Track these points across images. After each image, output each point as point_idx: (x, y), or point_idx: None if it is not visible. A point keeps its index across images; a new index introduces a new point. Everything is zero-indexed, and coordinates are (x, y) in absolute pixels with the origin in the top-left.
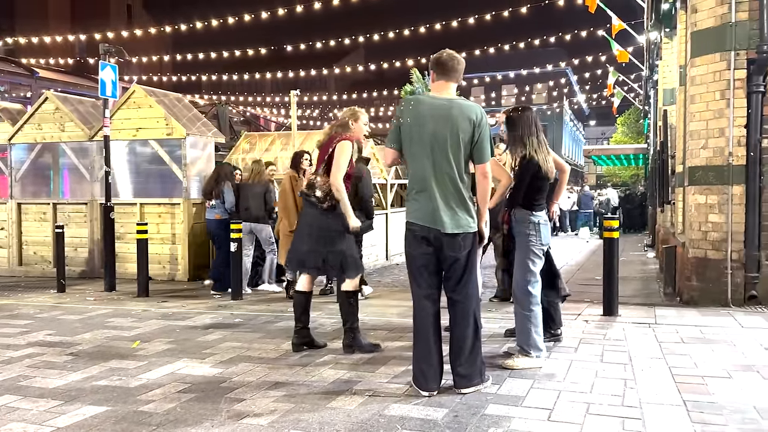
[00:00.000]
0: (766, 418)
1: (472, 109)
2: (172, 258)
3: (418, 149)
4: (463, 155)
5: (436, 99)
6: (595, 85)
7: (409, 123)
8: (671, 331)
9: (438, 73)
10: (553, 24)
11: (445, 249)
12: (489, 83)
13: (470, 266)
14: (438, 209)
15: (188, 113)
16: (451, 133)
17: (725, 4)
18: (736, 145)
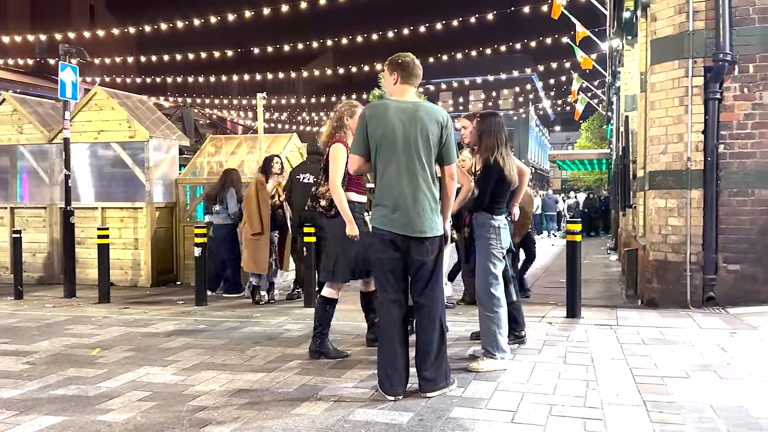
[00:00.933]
0: (722, 417)
1: (438, 111)
2: (135, 263)
3: (386, 153)
4: (433, 157)
5: (402, 102)
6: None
7: (376, 127)
8: (632, 332)
9: (401, 76)
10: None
11: (413, 253)
12: (457, 88)
13: (437, 270)
14: (407, 213)
15: (152, 116)
16: (420, 135)
17: (683, 13)
18: (694, 151)
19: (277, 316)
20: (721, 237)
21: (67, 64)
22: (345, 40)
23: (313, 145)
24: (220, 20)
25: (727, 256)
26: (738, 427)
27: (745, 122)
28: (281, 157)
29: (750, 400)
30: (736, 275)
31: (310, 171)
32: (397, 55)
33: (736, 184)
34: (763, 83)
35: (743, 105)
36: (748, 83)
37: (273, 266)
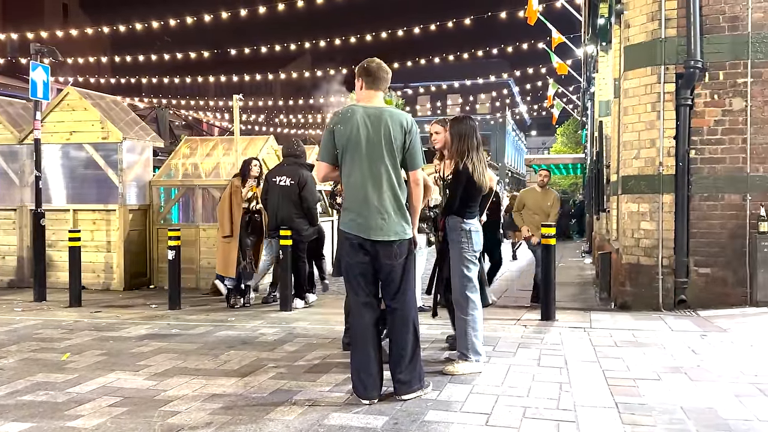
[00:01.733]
0: (692, 418)
1: (402, 116)
2: (107, 266)
3: (353, 157)
4: (396, 161)
5: (368, 107)
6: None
7: (342, 132)
8: (605, 335)
9: (366, 82)
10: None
11: (381, 257)
12: (435, 92)
13: (407, 273)
14: (373, 217)
15: (126, 117)
16: (385, 140)
17: (656, 20)
18: (666, 156)
19: (252, 320)
20: (692, 241)
21: (39, 64)
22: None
23: (289, 148)
24: (196, 21)
25: (698, 260)
26: (707, 428)
27: (716, 128)
28: (260, 160)
29: (719, 401)
30: (707, 278)
31: (287, 173)
32: (363, 61)
33: (706, 188)
34: (732, 90)
35: (713, 111)
36: (718, 90)
37: (248, 269)
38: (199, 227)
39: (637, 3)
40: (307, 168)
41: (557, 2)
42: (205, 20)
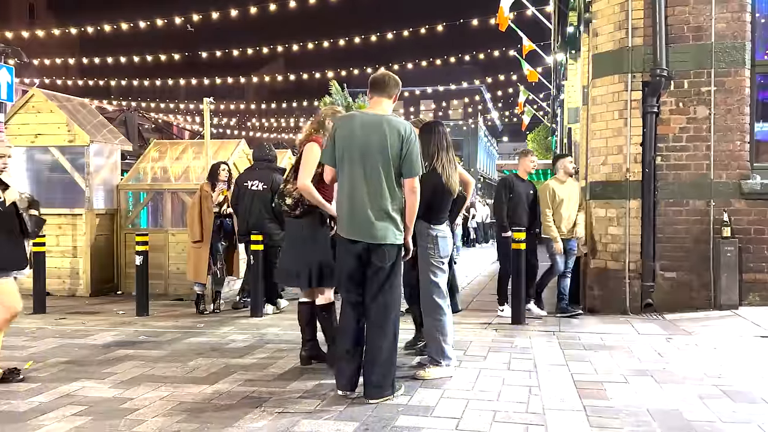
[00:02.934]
0: (658, 420)
1: (401, 123)
2: (73, 272)
3: (349, 162)
4: (393, 168)
5: (367, 114)
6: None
7: (341, 137)
8: (574, 338)
9: (372, 90)
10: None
11: (373, 259)
12: (408, 98)
13: (392, 277)
14: (364, 220)
15: (93, 119)
16: (381, 147)
17: (623, 29)
18: (633, 162)
19: (222, 327)
20: (658, 245)
21: (3, 65)
22: (296, 46)
23: (261, 152)
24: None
25: (663, 264)
26: (672, 430)
27: (681, 135)
28: (228, 164)
29: (684, 403)
30: (672, 282)
31: (258, 177)
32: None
33: (672, 194)
34: (697, 98)
35: (679, 119)
36: (683, 98)
37: (219, 275)
38: (168, 232)
39: (605, 12)
40: (279, 172)
41: (528, 11)
42: (175, 22)
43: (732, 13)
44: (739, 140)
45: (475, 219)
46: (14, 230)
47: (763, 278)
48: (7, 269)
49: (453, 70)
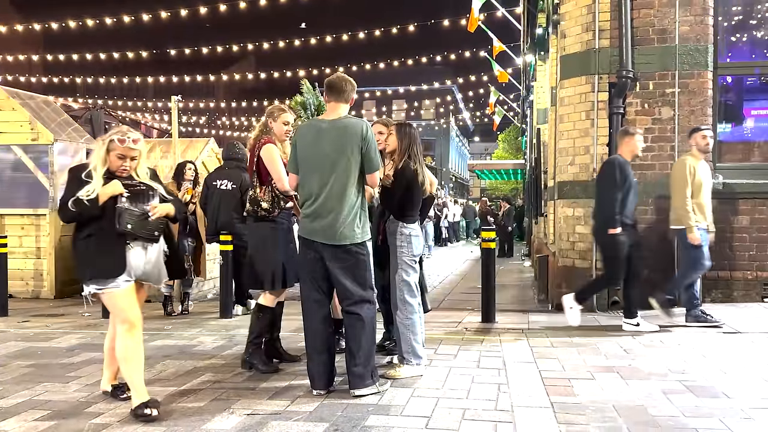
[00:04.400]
0: (623, 416)
1: (358, 124)
2: (37, 274)
3: (309, 167)
4: (353, 169)
5: (325, 120)
6: (479, 103)
7: (302, 146)
8: (542, 336)
9: (329, 95)
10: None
11: (333, 260)
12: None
13: (358, 274)
14: (324, 222)
15: (58, 117)
16: (340, 150)
17: (590, 31)
18: (600, 162)
19: (191, 328)
20: None
21: None
22: (266, 45)
23: (230, 151)
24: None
25: None
26: (637, 425)
27: (646, 136)
28: (195, 163)
29: (649, 398)
30: None
31: (228, 177)
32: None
33: (638, 194)
34: (661, 99)
35: (644, 120)
36: (649, 99)
37: (187, 276)
38: None
39: (573, 14)
40: None
41: (498, 12)
42: (143, 19)
43: (695, 16)
44: None
45: (447, 218)
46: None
47: (725, 276)
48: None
49: (425, 70)
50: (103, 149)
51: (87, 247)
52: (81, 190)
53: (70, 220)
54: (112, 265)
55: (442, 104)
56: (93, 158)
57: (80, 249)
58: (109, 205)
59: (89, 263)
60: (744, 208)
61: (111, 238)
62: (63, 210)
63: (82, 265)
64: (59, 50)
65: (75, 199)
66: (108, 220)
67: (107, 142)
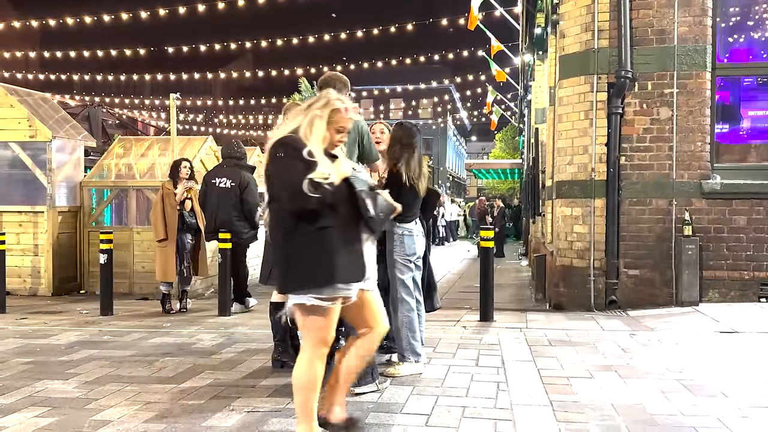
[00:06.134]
0: (622, 414)
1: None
2: (34, 271)
3: None
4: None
5: None
6: (476, 102)
7: None
8: (540, 334)
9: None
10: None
11: None
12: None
13: None
14: None
15: (55, 114)
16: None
17: (589, 31)
18: (598, 162)
19: (189, 326)
20: (622, 244)
21: None
22: (264, 42)
23: (229, 149)
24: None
25: (627, 262)
26: (635, 423)
27: (644, 136)
28: (190, 161)
29: (647, 397)
30: (636, 280)
31: (226, 175)
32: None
33: (635, 194)
34: (660, 100)
35: (642, 120)
36: (647, 99)
37: (185, 273)
38: (133, 230)
39: (572, 14)
40: (247, 169)
41: (496, 11)
42: (141, 16)
43: (694, 17)
44: (700, 141)
45: (444, 217)
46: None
47: (722, 275)
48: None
49: (422, 69)
50: (323, 121)
51: (320, 244)
52: (310, 171)
53: (303, 209)
54: (360, 266)
55: (439, 103)
56: (307, 131)
57: (307, 246)
58: (342, 190)
59: (325, 264)
60: (741, 209)
61: (351, 232)
62: (298, 196)
63: (314, 267)
64: (57, 47)
65: (312, 182)
66: (347, 209)
67: (327, 112)
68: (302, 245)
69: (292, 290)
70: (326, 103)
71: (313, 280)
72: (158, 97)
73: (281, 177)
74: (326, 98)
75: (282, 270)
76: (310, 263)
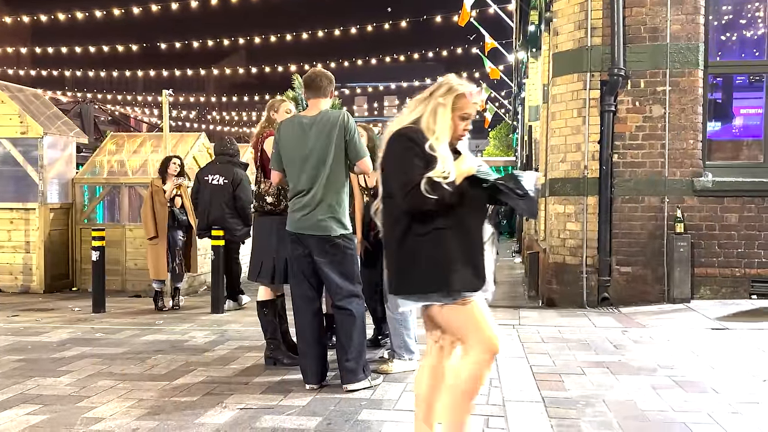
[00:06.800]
0: (613, 411)
1: (337, 115)
2: (26, 268)
3: (295, 163)
4: (339, 161)
5: (306, 117)
6: None
7: (285, 141)
8: (533, 331)
9: (307, 92)
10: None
11: (319, 253)
12: (371, 93)
13: (346, 269)
14: (311, 215)
15: (47, 111)
16: (324, 144)
17: (582, 29)
18: (591, 159)
19: (182, 323)
20: (614, 241)
21: None
22: (258, 39)
23: (222, 146)
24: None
25: (619, 259)
26: (627, 419)
27: (637, 134)
28: (180, 158)
29: (638, 393)
30: (628, 277)
31: (219, 172)
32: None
33: (628, 191)
34: (652, 97)
35: (635, 117)
36: (640, 97)
37: (178, 270)
38: (125, 227)
39: (565, 12)
40: (240, 167)
41: (490, 9)
42: (134, 12)
43: (686, 15)
44: (692, 139)
45: None
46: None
47: (714, 272)
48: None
49: (416, 66)
50: (447, 109)
51: (436, 247)
52: (430, 168)
53: (419, 209)
54: (482, 274)
55: None
56: (430, 121)
57: (422, 249)
58: (465, 189)
59: (449, 268)
60: (733, 206)
61: (476, 233)
62: (414, 196)
63: (428, 272)
64: (48, 43)
65: (431, 182)
66: (474, 207)
67: (451, 99)
68: (418, 247)
69: (409, 293)
70: (449, 89)
71: (425, 286)
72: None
73: (397, 174)
74: (448, 84)
75: (398, 271)
76: (425, 267)
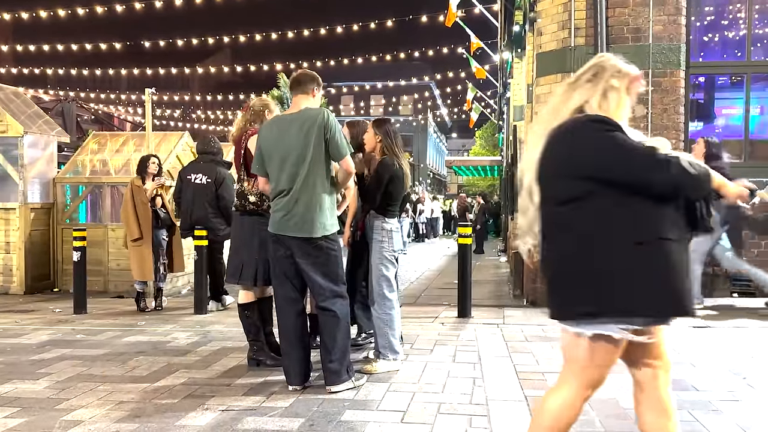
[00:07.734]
0: (596, 408)
1: (318, 112)
2: (6, 269)
3: (276, 163)
4: (320, 159)
5: (287, 115)
6: (456, 99)
7: (265, 142)
8: (517, 330)
9: (292, 90)
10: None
11: (302, 254)
12: (358, 92)
13: (329, 270)
14: (293, 216)
15: (28, 110)
16: (304, 142)
17: (566, 29)
18: None
19: (164, 324)
20: None
21: None
22: (243, 37)
23: (205, 145)
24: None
25: None
26: (609, 418)
27: None
28: (158, 157)
29: (621, 391)
30: None
31: (202, 171)
32: None
33: None
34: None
35: None
36: None
37: (161, 271)
38: (107, 227)
39: (549, 12)
40: (224, 165)
41: (476, 9)
42: (117, 9)
43: (668, 16)
44: (674, 138)
45: (424, 214)
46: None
47: (703, 271)
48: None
49: (403, 66)
50: (622, 93)
51: (658, 258)
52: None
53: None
54: (691, 289)
55: (419, 100)
56: (604, 105)
57: (636, 261)
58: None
59: (668, 287)
60: None
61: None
62: (676, 166)
63: (648, 289)
64: (29, 40)
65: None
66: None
67: (626, 82)
68: (630, 258)
69: (601, 316)
70: (620, 71)
71: (645, 307)
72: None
73: (625, 157)
74: (615, 65)
75: (588, 286)
76: (641, 283)
